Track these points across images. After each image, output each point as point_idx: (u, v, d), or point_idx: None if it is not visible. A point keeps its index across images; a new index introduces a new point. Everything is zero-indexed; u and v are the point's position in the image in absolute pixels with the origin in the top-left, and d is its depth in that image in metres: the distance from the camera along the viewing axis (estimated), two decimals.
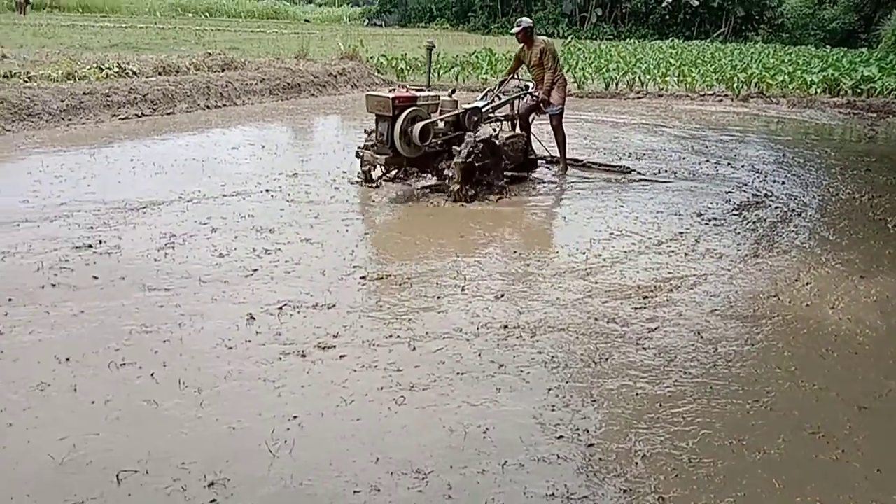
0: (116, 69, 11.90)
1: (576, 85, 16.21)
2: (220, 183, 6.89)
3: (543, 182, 7.68)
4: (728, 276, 5.03)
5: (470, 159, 6.58)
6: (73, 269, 4.63)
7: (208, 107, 11.73)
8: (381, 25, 42.00)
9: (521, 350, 3.81)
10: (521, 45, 7.81)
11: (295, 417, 3.08)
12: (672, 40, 34.85)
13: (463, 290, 4.58)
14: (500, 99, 7.63)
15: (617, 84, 16.55)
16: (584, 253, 5.38)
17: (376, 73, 16.62)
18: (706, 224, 6.30)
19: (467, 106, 6.98)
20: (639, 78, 16.83)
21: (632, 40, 34.84)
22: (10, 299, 4.11)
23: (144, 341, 3.73)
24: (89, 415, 3.05)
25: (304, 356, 3.62)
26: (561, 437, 3.04)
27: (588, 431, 3.09)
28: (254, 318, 4.02)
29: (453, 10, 43.68)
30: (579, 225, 6.16)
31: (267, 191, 6.69)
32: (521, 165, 7.66)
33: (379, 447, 2.90)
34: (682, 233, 6.01)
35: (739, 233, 6.09)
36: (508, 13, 41.59)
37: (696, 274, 5.04)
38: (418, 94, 6.63)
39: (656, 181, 7.86)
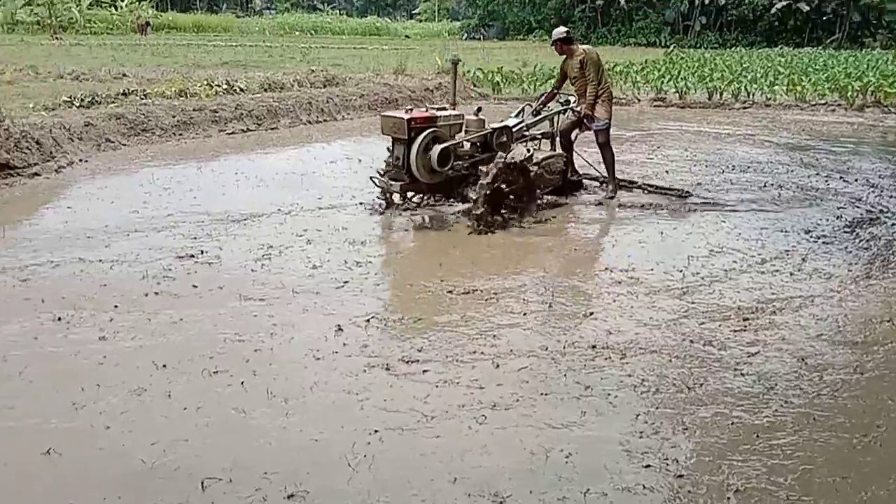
0: (225, 86, 12.47)
1: (677, 95, 15.75)
2: (318, 196, 7.06)
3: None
4: (837, 299, 4.71)
5: (496, 184, 5.98)
6: (175, 278, 4.83)
7: (310, 122, 12.09)
8: (479, 39, 42.29)
9: (609, 372, 3.68)
10: (563, 56, 7.25)
11: (376, 432, 3.09)
12: (781, 48, 33.38)
13: (550, 306, 4.49)
14: (536, 116, 7.12)
15: (721, 94, 15.97)
16: (681, 271, 5.17)
17: (472, 87, 16.70)
18: (815, 242, 5.94)
19: (496, 125, 6.41)
20: (745, 87, 16.18)
21: (738, 48, 33.63)
22: (115, 306, 4.33)
23: (237, 350, 3.85)
24: (181, 421, 3.16)
25: (388, 369, 3.63)
26: (648, 465, 2.91)
27: (678, 461, 2.94)
28: (342, 330, 4.07)
29: (552, 22, 43.44)
30: (677, 241, 5.94)
31: (361, 203, 6.80)
32: (562, 188, 7.07)
33: (457, 467, 2.86)
34: (787, 251, 5.68)
35: (851, 252, 5.71)
36: (608, 23, 41.00)
37: (801, 295, 4.75)
38: (438, 113, 6.03)
39: (718, 204, 7.09)
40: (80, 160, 8.35)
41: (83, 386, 3.39)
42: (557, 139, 7.21)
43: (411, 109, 6.11)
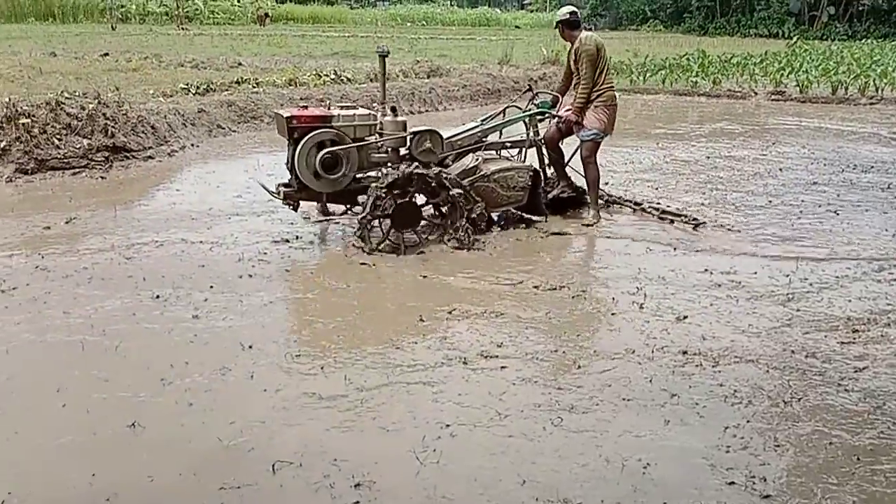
0: (333, 76, 12.75)
1: (798, 89, 14.85)
2: None
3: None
4: None
5: (389, 197, 5.06)
6: (269, 262, 4.96)
7: (412, 112, 12.16)
8: (590, 29, 41.42)
9: (698, 380, 3.48)
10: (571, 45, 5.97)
11: (447, 426, 3.04)
12: None
13: (641, 307, 4.30)
14: (529, 117, 6.03)
15: (846, 88, 14.92)
16: (787, 275, 4.85)
17: None
18: None
19: (417, 129, 5.44)
20: (873, 81, 15.05)
21: (868, 40, 31.31)
22: (211, 286, 4.48)
23: (320, 334, 3.90)
24: (260, 403, 3.22)
25: (465, 363, 3.57)
26: (733, 483, 2.72)
27: (766, 480, 2.74)
28: (423, 320, 4.05)
29: (668, 12, 41.95)
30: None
31: None
32: (531, 207, 5.91)
33: (527, 469, 2.77)
34: None
35: None
36: (728, 13, 39.19)
37: None
38: (334, 112, 5.23)
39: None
40: (192, 145, 8.73)
41: (172, 363, 3.52)
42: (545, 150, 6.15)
43: (306, 107, 5.45)
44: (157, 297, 4.30)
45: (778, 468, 2.82)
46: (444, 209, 5.34)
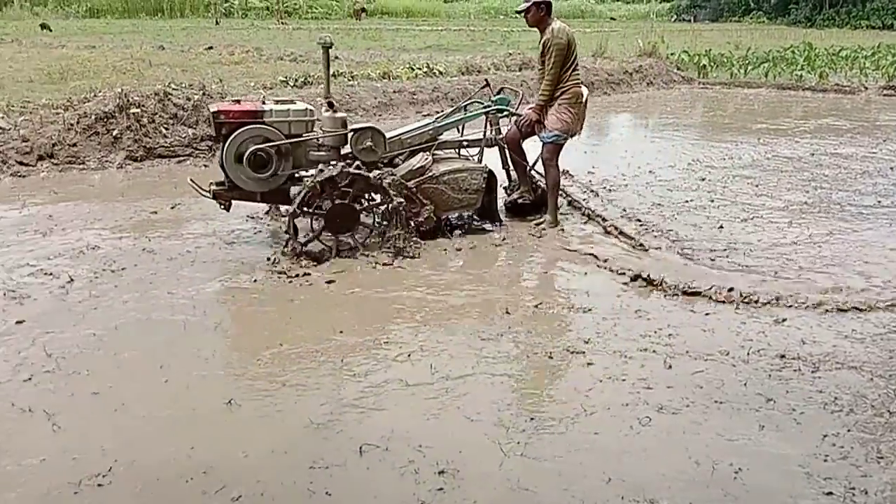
0: (425, 69, 12.86)
1: None
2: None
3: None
4: None
5: (316, 198, 4.79)
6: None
7: None
8: (689, 21, 40.14)
9: (796, 385, 3.34)
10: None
11: (532, 419, 3.03)
12: None
13: (737, 308, 4.16)
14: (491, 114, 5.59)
15: None
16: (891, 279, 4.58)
17: (675, 70, 15.90)
18: None
19: (358, 126, 5.17)
20: None
21: None
22: (307, 274, 4.61)
23: (408, 323, 3.96)
24: (350, 387, 3.31)
25: (550, 357, 3.55)
26: (830, 493, 2.60)
27: (867, 493, 2.60)
28: (509, 313, 4.05)
29: (772, 3, 40.16)
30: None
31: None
32: (490, 211, 5.58)
33: (613, 467, 2.73)
34: None
35: None
36: (838, 4, 37.17)
37: None
38: (266, 107, 4.89)
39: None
40: None
41: (268, 344, 3.65)
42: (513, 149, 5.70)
43: (239, 101, 5.13)
44: (255, 280, 4.46)
45: (881, 481, 2.68)
46: (382, 213, 5.00)
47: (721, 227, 5.66)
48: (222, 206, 5.11)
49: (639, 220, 5.67)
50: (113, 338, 3.72)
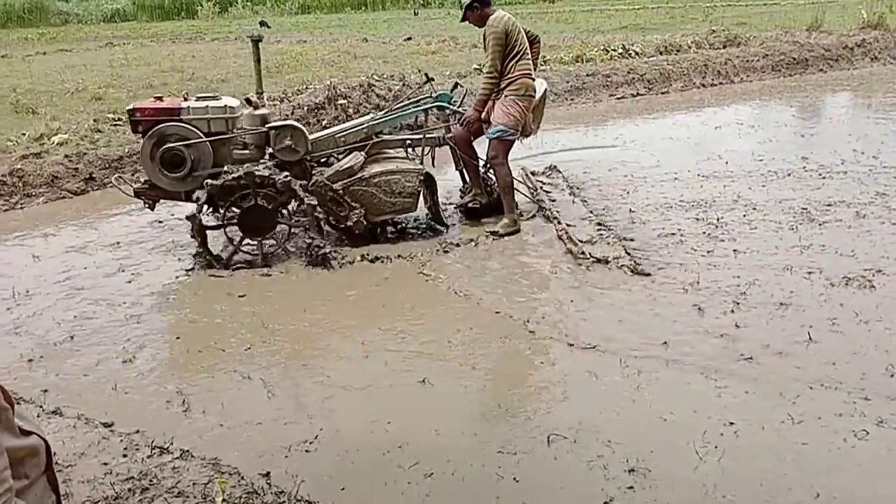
0: (620, 51, 12.48)
1: None
2: (697, 162, 6.72)
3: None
4: None
5: (226, 201, 4.60)
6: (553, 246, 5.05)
7: (703, 85, 11.50)
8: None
9: None
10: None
11: (731, 424, 2.87)
12: None
13: None
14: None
15: None
16: None
17: None
18: None
19: (278, 123, 4.89)
20: None
21: None
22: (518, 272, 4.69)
23: (599, 317, 3.89)
24: (538, 375, 3.33)
25: (750, 359, 3.33)
26: None
27: None
28: (701, 310, 3.85)
29: None
30: None
31: (731, 173, 6.31)
32: (432, 215, 5.33)
33: (822, 482, 2.52)
34: None
35: None
36: None
37: None
38: (183, 104, 4.69)
39: None
40: None
41: (459, 328, 3.76)
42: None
43: (160, 98, 4.90)
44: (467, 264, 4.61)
45: None
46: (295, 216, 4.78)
47: None
48: (147, 206, 4.99)
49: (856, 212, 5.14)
50: (322, 314, 4.02)
